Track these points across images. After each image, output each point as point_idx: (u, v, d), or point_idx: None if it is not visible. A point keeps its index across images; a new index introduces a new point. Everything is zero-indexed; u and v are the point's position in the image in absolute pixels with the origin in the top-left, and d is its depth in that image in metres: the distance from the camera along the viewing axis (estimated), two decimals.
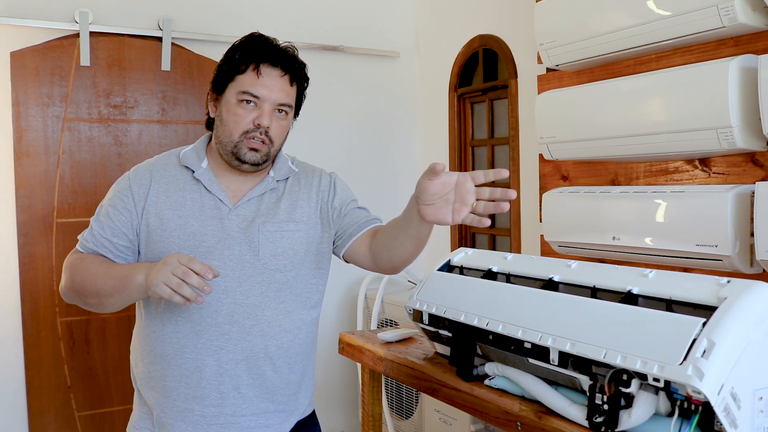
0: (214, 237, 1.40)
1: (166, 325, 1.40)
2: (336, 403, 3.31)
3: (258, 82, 1.38)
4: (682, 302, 1.05)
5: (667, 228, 1.78)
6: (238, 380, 1.40)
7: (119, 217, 1.42)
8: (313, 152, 2.20)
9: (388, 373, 1.60)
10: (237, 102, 1.39)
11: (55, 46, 2.60)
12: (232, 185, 1.46)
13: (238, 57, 1.40)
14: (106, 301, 1.35)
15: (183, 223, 1.40)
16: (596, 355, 1.05)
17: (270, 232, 1.43)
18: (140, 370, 1.46)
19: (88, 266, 1.37)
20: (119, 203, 1.43)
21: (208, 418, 1.39)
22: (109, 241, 1.41)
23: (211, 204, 1.43)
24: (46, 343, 2.60)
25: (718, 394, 0.91)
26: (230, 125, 1.40)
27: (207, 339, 1.38)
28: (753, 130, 1.64)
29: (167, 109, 2.82)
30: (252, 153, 1.40)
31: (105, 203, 1.46)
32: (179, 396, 1.39)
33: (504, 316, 1.26)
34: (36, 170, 2.58)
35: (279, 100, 1.40)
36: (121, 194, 1.44)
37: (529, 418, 1.18)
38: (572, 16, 2.06)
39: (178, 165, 1.47)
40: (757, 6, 1.64)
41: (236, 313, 1.39)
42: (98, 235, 1.42)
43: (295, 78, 1.43)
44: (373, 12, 3.37)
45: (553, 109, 2.16)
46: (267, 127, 1.39)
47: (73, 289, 1.39)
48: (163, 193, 1.43)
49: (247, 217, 1.43)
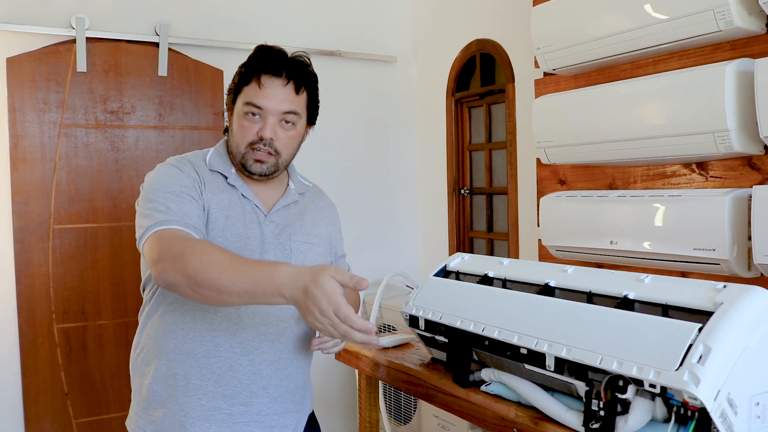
0: (256, 240, 1.42)
1: (199, 323, 1.39)
2: (334, 409, 3.30)
3: (260, 92, 1.39)
4: (678, 307, 1.05)
5: (664, 232, 1.77)
6: (269, 380, 1.43)
7: (200, 200, 1.36)
8: (311, 158, 2.19)
9: (385, 378, 1.60)
10: (243, 114, 1.41)
11: (52, 52, 2.60)
12: (260, 193, 1.49)
13: (244, 70, 1.43)
14: (228, 299, 1.17)
15: (230, 224, 1.41)
16: (592, 360, 1.04)
17: (300, 242, 1.48)
18: (153, 367, 1.42)
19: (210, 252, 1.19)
20: (184, 179, 1.36)
21: (234, 417, 1.40)
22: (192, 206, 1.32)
23: (249, 208, 1.45)
24: (42, 349, 2.59)
25: (714, 399, 0.90)
26: (237, 137, 1.43)
27: (243, 339, 1.40)
28: (750, 134, 1.64)
29: (164, 114, 2.81)
30: (258, 165, 1.42)
31: (159, 188, 1.33)
32: (206, 394, 1.39)
33: (500, 322, 1.25)
34: (32, 176, 2.58)
35: (282, 109, 1.40)
36: (182, 175, 1.37)
37: (526, 424, 1.17)
38: (569, 20, 2.06)
39: (207, 169, 1.46)
40: (753, 10, 1.64)
41: (272, 314, 1.42)
42: (175, 207, 1.30)
43: (301, 85, 1.43)
44: (370, 17, 3.37)
45: (550, 113, 2.16)
46: (270, 138, 1.40)
47: (184, 273, 1.18)
48: (210, 192, 1.42)
49: (280, 224, 1.48)
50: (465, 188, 3.21)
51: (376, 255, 3.31)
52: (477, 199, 3.20)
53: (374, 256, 3.28)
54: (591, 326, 1.10)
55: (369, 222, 3.37)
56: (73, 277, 2.62)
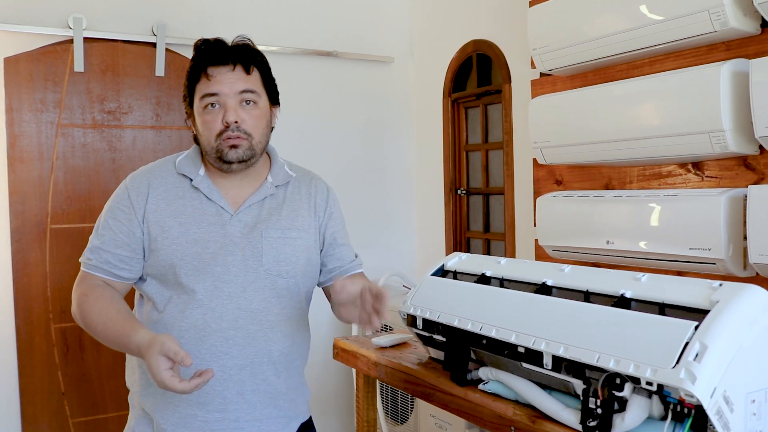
0: (217, 243, 1.40)
1: (169, 330, 1.38)
2: (331, 409, 3.30)
3: (211, 83, 1.39)
4: (674, 306, 1.06)
5: (660, 232, 1.78)
6: (243, 386, 1.40)
7: (120, 227, 1.41)
8: (307, 157, 2.20)
9: (383, 378, 1.60)
10: (203, 109, 1.41)
11: (49, 52, 2.60)
12: (231, 191, 1.46)
13: (190, 69, 1.43)
14: (109, 346, 1.39)
15: (185, 231, 1.40)
16: (589, 359, 1.05)
17: (273, 239, 1.44)
18: (138, 376, 1.44)
19: (93, 308, 1.38)
20: (119, 213, 1.42)
21: (211, 424, 1.39)
22: (111, 253, 1.41)
23: (211, 211, 1.43)
24: (39, 349, 2.59)
25: (710, 397, 0.91)
26: (204, 133, 1.41)
27: (211, 345, 1.38)
28: (745, 134, 1.65)
29: (161, 114, 2.81)
30: (233, 150, 1.40)
31: (103, 216, 1.45)
32: (181, 402, 1.38)
33: (497, 321, 1.26)
34: (29, 176, 2.58)
35: (237, 89, 1.39)
36: (121, 204, 1.43)
37: (523, 422, 1.18)
38: (565, 21, 2.07)
39: (175, 173, 1.47)
40: (748, 11, 1.65)
41: (241, 318, 1.39)
42: (100, 249, 1.41)
43: (248, 65, 1.42)
44: (367, 17, 3.38)
45: (546, 113, 2.17)
46: (236, 121, 1.39)
47: (83, 321, 1.41)
48: (163, 201, 1.42)
49: (249, 223, 1.44)
50: (462, 188, 3.22)
51: (373, 255, 3.30)
52: (474, 199, 3.21)
53: (371, 256, 3.26)
54: (588, 325, 1.11)
55: (365, 222, 3.37)
56: (71, 277, 2.58)
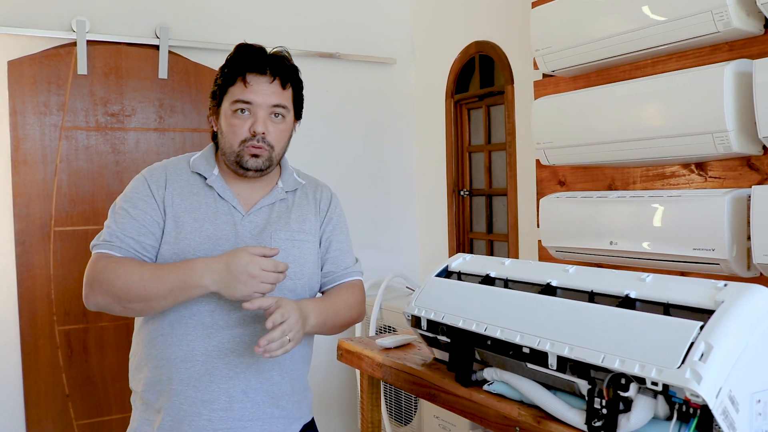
0: (229, 241, 1.42)
1: (176, 328, 1.39)
2: (335, 410, 3.30)
3: (247, 90, 1.41)
4: (679, 306, 1.06)
5: (664, 232, 1.78)
6: (248, 384, 1.41)
7: (144, 216, 1.41)
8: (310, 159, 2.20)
9: (387, 379, 1.60)
10: (232, 113, 1.42)
11: (52, 55, 2.61)
12: (243, 193, 1.49)
13: (227, 71, 1.44)
14: (156, 304, 1.34)
15: (199, 227, 1.42)
16: (594, 359, 1.05)
17: (282, 240, 1.47)
18: (144, 374, 1.44)
19: (131, 270, 1.33)
20: (140, 203, 1.42)
21: (215, 423, 1.39)
22: (135, 240, 1.40)
23: (224, 209, 1.46)
24: (44, 351, 2.60)
25: (716, 397, 0.91)
26: (229, 136, 1.43)
27: (218, 342, 1.39)
28: (749, 134, 1.65)
29: (164, 117, 2.82)
30: (254, 159, 1.43)
31: (121, 204, 1.44)
32: (186, 400, 1.39)
33: (502, 321, 1.26)
34: (33, 179, 2.58)
35: (271, 102, 1.42)
36: (141, 194, 1.44)
37: (528, 422, 1.18)
38: (568, 22, 2.07)
39: (189, 171, 1.49)
40: (751, 11, 1.65)
41: (248, 316, 1.41)
42: (122, 235, 1.39)
43: (286, 81, 1.45)
44: (369, 19, 3.38)
45: (549, 114, 2.17)
46: (263, 133, 1.41)
47: (113, 295, 1.33)
48: (178, 196, 1.45)
49: (259, 224, 1.47)
50: (464, 190, 3.22)
51: (375, 256, 3.31)
52: (476, 200, 3.21)
53: (373, 257, 3.28)
54: (593, 325, 1.11)
55: (368, 223, 3.37)
56: (75, 279, 2.62)
